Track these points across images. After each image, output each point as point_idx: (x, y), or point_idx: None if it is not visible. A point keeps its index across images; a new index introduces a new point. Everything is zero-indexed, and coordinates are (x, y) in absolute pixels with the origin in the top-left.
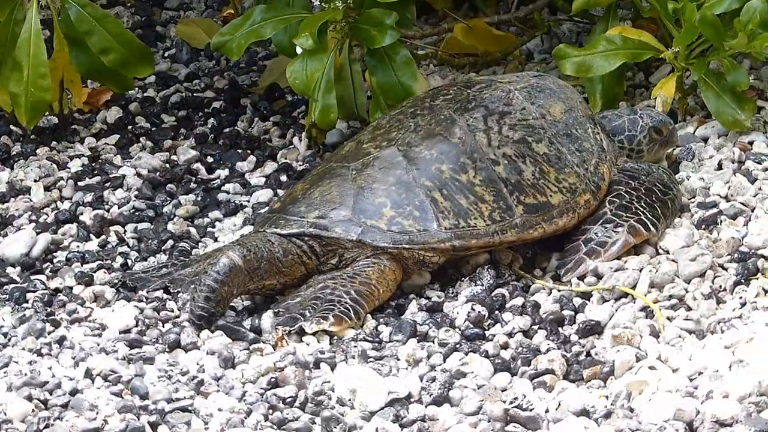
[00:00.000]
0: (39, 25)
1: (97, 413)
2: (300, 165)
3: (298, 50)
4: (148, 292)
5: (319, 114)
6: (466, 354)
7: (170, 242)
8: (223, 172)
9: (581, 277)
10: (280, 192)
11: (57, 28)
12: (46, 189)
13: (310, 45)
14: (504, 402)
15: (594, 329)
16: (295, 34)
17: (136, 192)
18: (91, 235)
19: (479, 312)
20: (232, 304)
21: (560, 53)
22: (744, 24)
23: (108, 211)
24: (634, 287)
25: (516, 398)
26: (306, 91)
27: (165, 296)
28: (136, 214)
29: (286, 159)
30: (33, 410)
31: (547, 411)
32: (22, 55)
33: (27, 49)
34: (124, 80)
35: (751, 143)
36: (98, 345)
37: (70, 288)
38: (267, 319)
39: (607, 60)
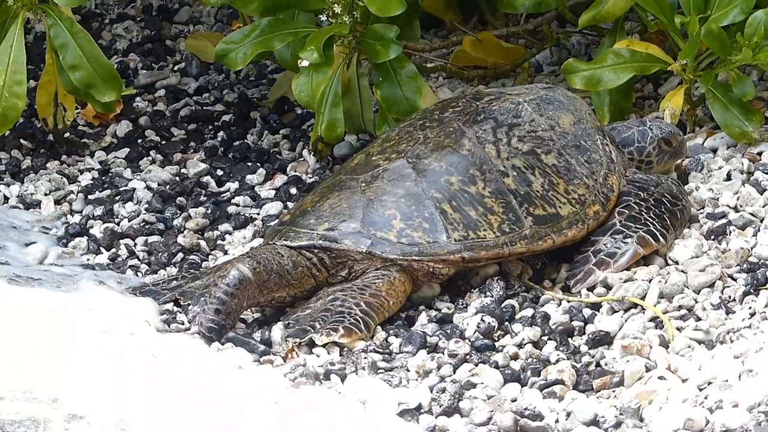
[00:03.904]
0: (23, 35)
1: None
2: (309, 178)
3: (303, 64)
4: (158, 305)
5: (326, 128)
6: (476, 365)
7: (180, 255)
8: (232, 185)
9: (591, 288)
10: (290, 204)
11: (48, 40)
12: (57, 202)
13: (315, 59)
14: (514, 412)
15: (603, 340)
16: (299, 49)
17: (146, 205)
18: (101, 248)
19: (489, 323)
20: (242, 316)
21: (569, 67)
22: (749, 37)
23: (118, 224)
24: (643, 298)
25: (526, 408)
26: (311, 104)
27: (175, 309)
28: (146, 227)
29: (295, 172)
30: None
31: (557, 421)
32: (1, 60)
33: (7, 56)
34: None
35: (759, 154)
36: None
37: None
38: (277, 331)
39: (616, 73)
